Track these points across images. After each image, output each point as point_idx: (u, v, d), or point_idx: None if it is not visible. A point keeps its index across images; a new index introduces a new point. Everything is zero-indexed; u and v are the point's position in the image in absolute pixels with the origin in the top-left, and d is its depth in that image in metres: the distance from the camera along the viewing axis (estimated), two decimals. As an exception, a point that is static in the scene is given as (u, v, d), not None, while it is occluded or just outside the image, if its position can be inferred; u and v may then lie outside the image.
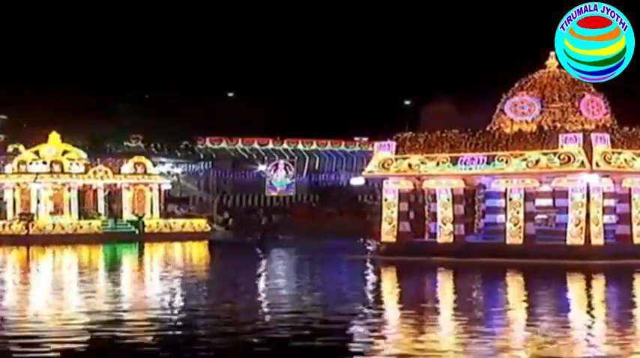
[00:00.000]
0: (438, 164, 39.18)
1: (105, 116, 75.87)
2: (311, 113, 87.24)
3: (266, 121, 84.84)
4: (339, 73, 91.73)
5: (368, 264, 37.92)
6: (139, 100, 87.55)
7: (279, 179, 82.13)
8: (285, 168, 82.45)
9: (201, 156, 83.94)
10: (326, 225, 65.37)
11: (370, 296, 27.05)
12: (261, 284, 30.81)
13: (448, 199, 39.34)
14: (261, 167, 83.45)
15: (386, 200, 40.64)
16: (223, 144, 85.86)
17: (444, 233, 39.40)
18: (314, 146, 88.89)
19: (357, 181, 49.24)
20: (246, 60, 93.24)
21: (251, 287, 29.37)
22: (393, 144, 40.36)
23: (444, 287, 30.47)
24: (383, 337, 18.89)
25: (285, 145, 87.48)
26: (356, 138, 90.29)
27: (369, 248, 43.30)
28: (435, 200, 40.08)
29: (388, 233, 40.37)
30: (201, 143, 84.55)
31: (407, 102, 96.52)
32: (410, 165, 39.79)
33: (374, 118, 79.34)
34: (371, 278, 33.31)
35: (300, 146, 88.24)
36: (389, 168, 40.22)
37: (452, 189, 39.30)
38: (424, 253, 38.39)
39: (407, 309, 23.24)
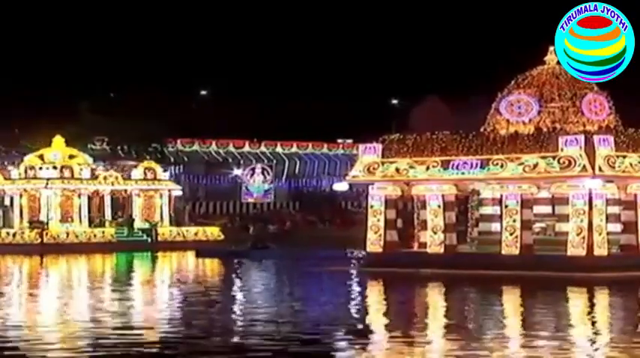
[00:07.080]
0: (427, 168, 38.98)
1: (66, 116, 75.43)
2: (291, 113, 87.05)
3: (242, 122, 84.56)
4: (322, 71, 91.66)
5: (354, 277, 37.67)
6: (104, 99, 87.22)
7: (256, 184, 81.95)
8: (262, 173, 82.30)
9: (172, 160, 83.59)
10: (308, 234, 65.19)
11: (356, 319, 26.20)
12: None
13: (439, 206, 39.11)
14: (237, 171, 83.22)
15: (372, 207, 40.42)
16: (195, 147, 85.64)
17: (435, 243, 39.17)
18: (294, 149, 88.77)
19: (340, 187, 49.17)
20: (220, 55, 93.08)
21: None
22: (379, 146, 40.15)
23: (435, 305, 29.94)
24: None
25: (262, 148, 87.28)
26: (339, 141, 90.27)
27: (355, 259, 43.16)
28: (424, 207, 39.85)
29: (374, 243, 40.15)
30: (171, 145, 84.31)
31: (394, 102, 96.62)
32: (397, 170, 39.57)
33: (359, 119, 79.26)
34: (355, 295, 32.95)
35: (278, 149, 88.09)
36: (375, 172, 40.00)
37: (443, 196, 39.07)
38: (413, 264, 38.19)
39: (393, 337, 22.16)
